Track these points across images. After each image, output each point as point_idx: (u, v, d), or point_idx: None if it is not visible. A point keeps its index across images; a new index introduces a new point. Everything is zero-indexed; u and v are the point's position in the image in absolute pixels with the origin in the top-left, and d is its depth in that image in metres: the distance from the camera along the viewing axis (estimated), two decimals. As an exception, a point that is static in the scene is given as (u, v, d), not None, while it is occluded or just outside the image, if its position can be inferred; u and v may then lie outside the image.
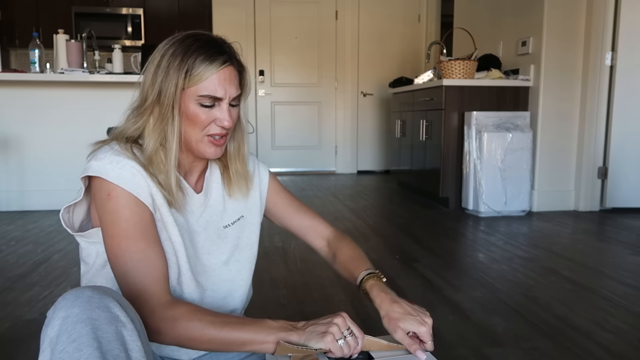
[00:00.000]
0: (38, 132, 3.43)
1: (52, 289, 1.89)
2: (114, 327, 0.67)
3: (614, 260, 2.35)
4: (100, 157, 0.83)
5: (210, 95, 0.85)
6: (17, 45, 5.70)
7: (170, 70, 0.84)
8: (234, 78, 0.88)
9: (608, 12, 3.29)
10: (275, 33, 5.68)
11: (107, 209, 0.82)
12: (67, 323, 0.66)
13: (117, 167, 0.82)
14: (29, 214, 3.30)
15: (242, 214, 1.02)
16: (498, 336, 1.50)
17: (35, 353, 1.38)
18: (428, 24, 5.93)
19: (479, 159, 3.27)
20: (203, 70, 0.84)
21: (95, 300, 0.68)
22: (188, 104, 0.86)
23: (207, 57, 0.84)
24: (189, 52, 0.84)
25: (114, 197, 0.82)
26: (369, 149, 6.03)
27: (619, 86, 3.33)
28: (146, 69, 0.88)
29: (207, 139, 0.88)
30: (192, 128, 0.87)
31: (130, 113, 0.90)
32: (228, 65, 0.86)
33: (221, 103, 0.87)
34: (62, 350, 0.65)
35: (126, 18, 5.82)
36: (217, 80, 0.85)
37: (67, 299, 0.68)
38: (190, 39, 0.86)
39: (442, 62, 3.52)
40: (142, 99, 0.88)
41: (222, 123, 0.87)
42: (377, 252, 2.46)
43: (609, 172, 3.41)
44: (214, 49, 0.86)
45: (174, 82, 0.84)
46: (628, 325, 1.59)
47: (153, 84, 0.86)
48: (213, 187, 0.98)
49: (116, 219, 0.82)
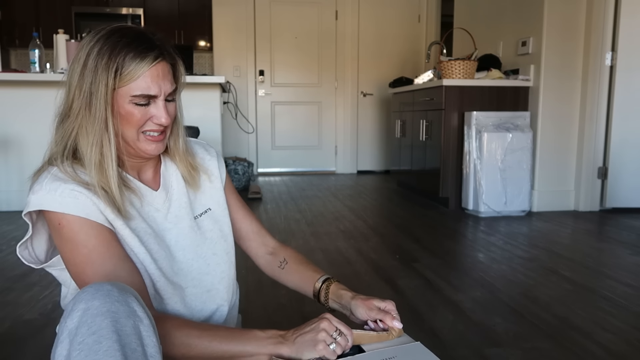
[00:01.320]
0: (38, 132, 3.42)
1: (52, 288, 1.89)
2: (132, 321, 0.67)
3: (614, 260, 2.35)
4: (36, 189, 0.80)
5: (144, 94, 0.81)
6: (17, 45, 5.70)
7: (99, 70, 0.79)
8: (168, 73, 0.84)
9: (608, 12, 3.29)
10: (275, 33, 5.68)
11: (63, 238, 0.79)
12: (87, 315, 0.66)
13: (57, 194, 0.79)
14: (29, 214, 3.30)
15: (209, 206, 1.00)
16: (498, 336, 1.50)
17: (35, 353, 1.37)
18: (428, 24, 5.94)
19: (479, 159, 3.27)
20: (134, 68, 0.79)
21: (115, 293, 0.68)
22: (122, 104, 0.81)
23: (137, 54, 0.79)
24: (117, 49, 0.79)
25: (65, 225, 0.79)
26: (369, 149, 6.03)
27: (619, 86, 3.33)
28: (71, 69, 0.83)
29: (144, 137, 0.85)
30: (128, 128, 0.83)
31: (60, 122, 0.86)
32: (160, 61, 0.82)
33: (156, 100, 0.83)
34: (81, 342, 0.65)
35: (126, 18, 5.82)
36: (150, 78, 0.81)
37: (88, 292, 0.68)
38: (117, 34, 0.81)
39: (442, 62, 3.52)
40: (69, 103, 0.83)
41: (160, 120, 0.84)
42: (377, 252, 2.46)
43: (609, 172, 3.41)
44: (143, 45, 0.81)
45: (104, 83, 0.79)
46: (628, 325, 1.59)
47: (81, 86, 0.80)
48: (173, 181, 0.95)
49: (74, 246, 0.79)
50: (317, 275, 1.02)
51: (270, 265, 1.10)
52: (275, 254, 1.10)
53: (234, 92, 5.23)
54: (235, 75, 5.61)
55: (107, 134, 0.82)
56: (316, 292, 1.01)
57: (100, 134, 0.81)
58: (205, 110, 3.56)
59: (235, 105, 5.34)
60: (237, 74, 5.64)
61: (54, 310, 1.67)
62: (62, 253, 0.81)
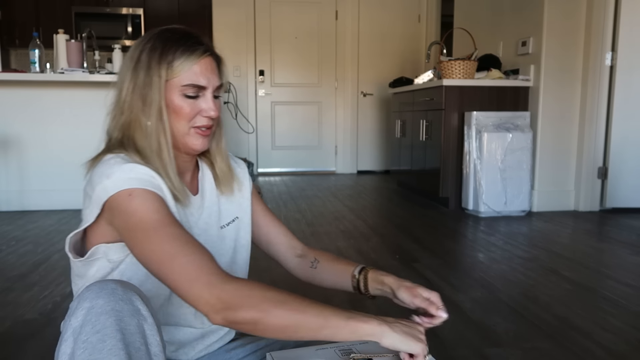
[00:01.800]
0: (38, 132, 3.43)
1: (52, 288, 1.89)
2: (136, 320, 0.67)
3: (614, 260, 2.35)
4: (108, 173, 0.79)
5: (194, 84, 0.84)
6: (17, 45, 5.70)
7: (152, 64, 0.83)
8: (215, 68, 0.88)
9: (608, 12, 3.29)
10: (275, 33, 5.68)
11: (132, 208, 0.77)
12: (91, 314, 0.66)
13: (132, 173, 0.79)
14: (29, 214, 3.30)
15: (237, 215, 1.01)
16: (498, 336, 1.50)
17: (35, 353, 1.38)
18: (428, 24, 5.93)
19: (479, 159, 3.27)
20: (185, 60, 0.83)
21: (119, 292, 0.68)
22: (172, 97, 0.84)
23: (187, 48, 0.84)
24: (168, 44, 0.84)
25: (138, 195, 0.78)
26: (369, 149, 6.03)
27: (619, 86, 3.33)
28: (123, 67, 0.87)
29: (194, 131, 0.87)
30: (178, 121, 0.85)
31: (113, 113, 0.88)
32: (208, 55, 0.86)
33: (205, 93, 0.86)
34: (85, 341, 0.65)
35: (126, 18, 5.82)
36: (200, 70, 0.84)
37: (92, 290, 0.68)
38: (167, 32, 0.86)
39: (442, 62, 3.52)
40: (123, 98, 0.86)
41: (209, 113, 0.86)
42: (377, 252, 2.46)
43: (609, 172, 3.41)
44: (192, 40, 0.85)
45: (157, 75, 0.83)
46: (628, 325, 1.59)
47: (134, 81, 0.84)
48: (207, 188, 0.96)
49: (145, 213, 0.76)
50: (352, 267, 1.01)
51: (301, 267, 1.08)
52: (305, 256, 1.09)
53: (234, 92, 5.24)
54: (235, 76, 5.61)
55: (162, 123, 0.84)
56: (355, 283, 0.99)
57: (156, 123, 0.84)
58: (205, 110, 3.55)
59: (236, 105, 5.34)
60: (237, 74, 5.64)
61: (54, 310, 1.67)
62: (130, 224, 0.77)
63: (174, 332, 0.91)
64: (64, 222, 3.01)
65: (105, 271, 0.86)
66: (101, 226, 0.84)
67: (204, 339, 0.95)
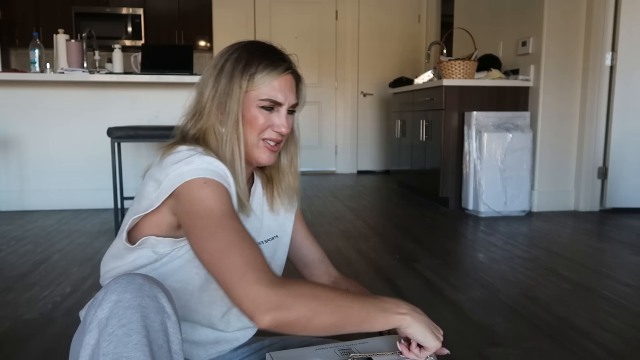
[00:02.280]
0: (38, 132, 3.43)
1: (52, 288, 1.89)
2: (160, 317, 0.68)
3: (614, 260, 2.35)
4: (188, 161, 0.80)
5: (271, 99, 0.87)
6: (17, 45, 5.70)
7: (235, 73, 0.86)
8: (293, 86, 0.91)
9: (608, 12, 3.29)
10: (275, 33, 5.68)
11: (202, 195, 0.78)
12: (118, 307, 0.67)
13: (212, 166, 0.81)
14: (29, 214, 3.30)
15: (277, 234, 1.01)
16: (498, 336, 1.50)
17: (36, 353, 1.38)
18: (428, 24, 5.93)
19: (479, 159, 3.27)
20: (266, 75, 0.86)
21: (146, 288, 0.69)
22: (248, 107, 0.87)
23: (270, 63, 0.87)
24: (253, 57, 0.87)
25: (212, 185, 0.79)
26: (369, 149, 6.03)
27: (619, 86, 3.33)
28: (206, 73, 0.90)
29: (263, 144, 0.89)
30: (250, 132, 0.88)
31: (190, 115, 0.91)
32: (289, 73, 0.90)
33: (280, 109, 0.89)
34: (111, 333, 0.65)
35: (126, 18, 5.82)
36: (279, 86, 0.87)
37: (120, 284, 0.69)
38: (254, 45, 0.90)
39: (442, 62, 3.52)
40: (203, 104, 0.88)
41: (280, 129, 0.88)
42: (377, 252, 2.46)
43: (609, 172, 3.41)
44: (276, 56, 0.89)
45: (239, 85, 0.86)
46: (628, 325, 1.59)
47: (216, 88, 0.87)
48: (255, 202, 0.97)
49: (213, 202, 0.77)
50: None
51: None
52: (338, 284, 1.09)
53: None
54: (235, 75, 5.60)
55: (237, 133, 0.86)
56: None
57: (231, 133, 0.86)
58: (205, 110, 3.55)
59: (235, 105, 5.34)
60: (237, 74, 5.63)
61: (54, 310, 1.67)
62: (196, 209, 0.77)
63: (189, 332, 0.91)
64: (63, 222, 3.01)
65: (145, 261, 0.86)
66: (161, 213, 0.83)
67: (218, 344, 0.95)
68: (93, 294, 1.82)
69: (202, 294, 0.89)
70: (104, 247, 2.46)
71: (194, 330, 0.91)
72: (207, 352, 0.94)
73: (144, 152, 3.53)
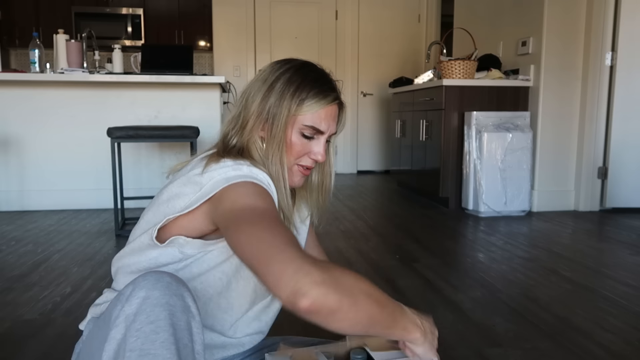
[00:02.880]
0: (38, 132, 3.43)
1: (52, 289, 1.89)
2: (186, 316, 0.69)
3: (614, 260, 2.35)
4: (236, 167, 0.82)
5: (315, 127, 0.88)
6: (17, 45, 5.70)
7: (285, 95, 0.86)
8: (336, 115, 0.92)
9: (608, 12, 3.29)
10: (275, 33, 5.68)
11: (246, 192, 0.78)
12: (146, 304, 0.67)
13: (259, 175, 0.83)
14: (29, 214, 3.30)
15: None
16: (498, 336, 1.50)
17: (35, 353, 1.37)
18: (428, 24, 5.93)
19: (479, 159, 3.27)
20: (315, 102, 0.87)
21: (173, 287, 0.69)
22: (291, 132, 0.88)
23: (320, 92, 0.88)
24: (305, 82, 0.87)
25: (258, 187, 0.80)
26: (369, 149, 6.03)
27: (619, 86, 3.33)
28: (254, 87, 0.89)
29: (297, 168, 0.91)
30: (288, 154, 0.89)
31: (233, 127, 0.91)
32: (336, 104, 0.90)
33: (320, 137, 0.90)
34: (138, 329, 0.66)
35: (126, 18, 5.82)
36: (324, 115, 0.88)
37: (149, 280, 0.69)
38: (307, 69, 0.90)
39: (442, 62, 3.52)
40: (247, 118, 0.88)
41: (317, 157, 0.90)
42: (377, 252, 2.46)
43: (609, 172, 3.41)
44: (327, 85, 0.89)
45: (287, 108, 0.86)
46: (628, 325, 1.59)
47: (263, 106, 0.87)
48: None
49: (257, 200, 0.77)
50: None
51: None
52: None
53: (234, 92, 5.23)
54: (235, 75, 5.61)
55: (280, 154, 0.87)
56: None
57: (275, 152, 0.87)
58: (205, 110, 3.56)
59: (235, 105, 5.34)
60: (237, 74, 5.64)
61: (54, 310, 1.67)
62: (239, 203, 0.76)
63: None
64: (63, 222, 3.01)
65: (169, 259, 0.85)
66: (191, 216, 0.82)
67: (224, 349, 0.95)
68: (93, 294, 1.82)
69: (220, 299, 0.89)
70: (104, 247, 2.46)
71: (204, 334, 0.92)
72: (212, 356, 0.94)
73: (144, 152, 3.53)
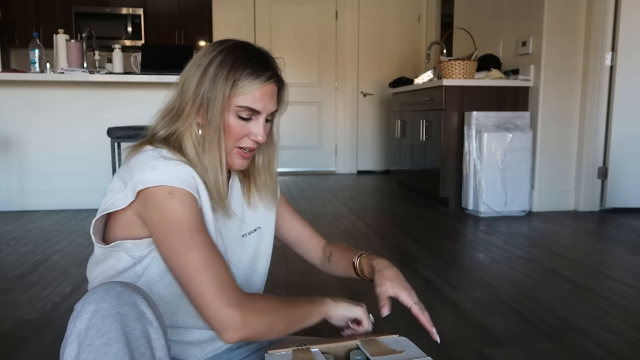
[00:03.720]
0: (38, 132, 3.43)
1: (52, 289, 1.89)
2: (141, 324, 0.68)
3: (614, 260, 2.35)
4: (152, 165, 0.80)
5: (249, 107, 0.86)
6: (17, 45, 5.70)
7: (218, 79, 0.84)
8: (274, 94, 0.90)
9: (608, 12, 3.29)
10: (275, 33, 5.68)
11: (170, 207, 0.78)
12: (96, 317, 0.66)
13: (176, 170, 0.80)
14: (29, 214, 3.30)
15: (259, 225, 1.02)
16: (498, 336, 1.50)
17: (35, 353, 1.38)
18: (428, 24, 5.93)
19: (479, 159, 3.27)
20: (248, 83, 0.85)
21: (125, 296, 0.68)
22: (228, 114, 0.86)
23: (253, 72, 0.86)
24: (237, 63, 0.85)
25: (178, 196, 0.79)
26: (369, 149, 6.03)
27: (619, 86, 3.33)
28: (189, 73, 0.88)
29: (237, 151, 0.89)
30: (226, 138, 0.87)
31: (167, 115, 0.89)
32: (272, 82, 0.89)
33: (258, 117, 0.88)
34: (90, 344, 0.65)
35: (126, 18, 5.82)
36: (259, 95, 0.87)
37: (98, 293, 0.68)
38: (239, 49, 0.88)
39: (442, 62, 3.52)
40: (183, 105, 0.87)
41: (257, 137, 0.88)
42: (377, 252, 2.46)
43: (609, 172, 3.41)
44: (260, 64, 0.88)
45: (222, 92, 0.84)
46: (628, 325, 1.59)
47: (197, 92, 0.85)
48: (234, 196, 0.98)
49: (183, 215, 0.79)
50: (354, 255, 1.08)
51: (322, 263, 1.15)
52: (324, 251, 1.14)
53: (234, 92, 5.24)
54: (235, 75, 5.60)
55: (219, 139, 0.86)
56: (357, 270, 1.08)
57: (212, 138, 0.85)
58: (205, 110, 3.55)
59: (235, 105, 5.35)
60: (237, 74, 5.64)
61: (54, 310, 1.67)
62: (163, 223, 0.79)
63: (184, 334, 0.91)
64: (63, 222, 3.01)
65: (125, 265, 0.86)
66: (128, 215, 0.84)
67: (214, 342, 0.95)
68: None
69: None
70: (104, 247, 2.46)
71: (189, 332, 0.91)
72: (203, 350, 0.94)
73: (144, 152, 3.52)
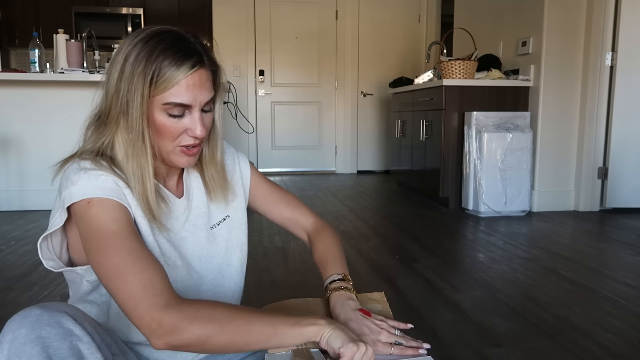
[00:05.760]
0: (38, 132, 3.43)
1: (52, 288, 1.89)
2: (67, 342, 0.65)
3: (614, 260, 2.35)
4: (74, 179, 0.76)
5: (177, 103, 0.77)
6: (17, 45, 5.70)
7: (135, 77, 0.75)
8: (206, 80, 0.79)
9: (608, 12, 3.28)
10: (275, 33, 5.68)
11: (89, 216, 0.74)
12: (15, 345, 0.64)
13: (98, 181, 0.76)
14: (29, 214, 3.30)
15: (228, 213, 0.96)
16: (498, 336, 1.50)
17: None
18: (428, 24, 5.93)
19: (479, 159, 3.27)
20: (170, 76, 0.75)
21: (45, 318, 0.65)
22: (155, 114, 0.77)
23: (173, 61, 0.75)
24: (154, 55, 0.75)
25: (96, 203, 0.75)
26: (369, 149, 6.03)
27: (619, 86, 3.33)
28: (109, 73, 0.79)
29: (179, 149, 0.81)
30: (162, 140, 0.79)
31: (94, 123, 0.83)
32: (198, 69, 0.77)
33: (191, 111, 0.79)
34: None
35: (126, 18, 5.82)
36: (186, 86, 0.76)
37: (15, 320, 0.66)
38: (155, 39, 0.77)
39: (442, 62, 3.52)
40: (107, 110, 0.80)
41: (195, 133, 0.79)
42: (377, 252, 2.46)
43: (609, 172, 3.41)
44: (181, 51, 0.76)
45: (140, 92, 0.75)
46: (628, 325, 1.59)
47: (118, 94, 0.77)
48: (194, 188, 0.92)
49: (102, 224, 0.74)
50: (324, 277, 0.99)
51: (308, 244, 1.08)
52: (309, 240, 1.06)
53: (234, 92, 5.23)
54: (235, 75, 5.61)
55: (144, 145, 0.78)
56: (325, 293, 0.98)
57: (137, 143, 0.78)
58: (205, 110, 3.55)
59: (236, 105, 5.34)
60: (237, 74, 5.64)
61: (54, 310, 1.67)
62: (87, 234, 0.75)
63: None
64: (64, 222, 3.01)
65: (87, 288, 0.84)
66: (74, 232, 0.82)
67: None
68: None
69: None
70: (104, 247, 2.46)
71: None
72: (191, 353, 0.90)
73: (144, 152, 3.53)
